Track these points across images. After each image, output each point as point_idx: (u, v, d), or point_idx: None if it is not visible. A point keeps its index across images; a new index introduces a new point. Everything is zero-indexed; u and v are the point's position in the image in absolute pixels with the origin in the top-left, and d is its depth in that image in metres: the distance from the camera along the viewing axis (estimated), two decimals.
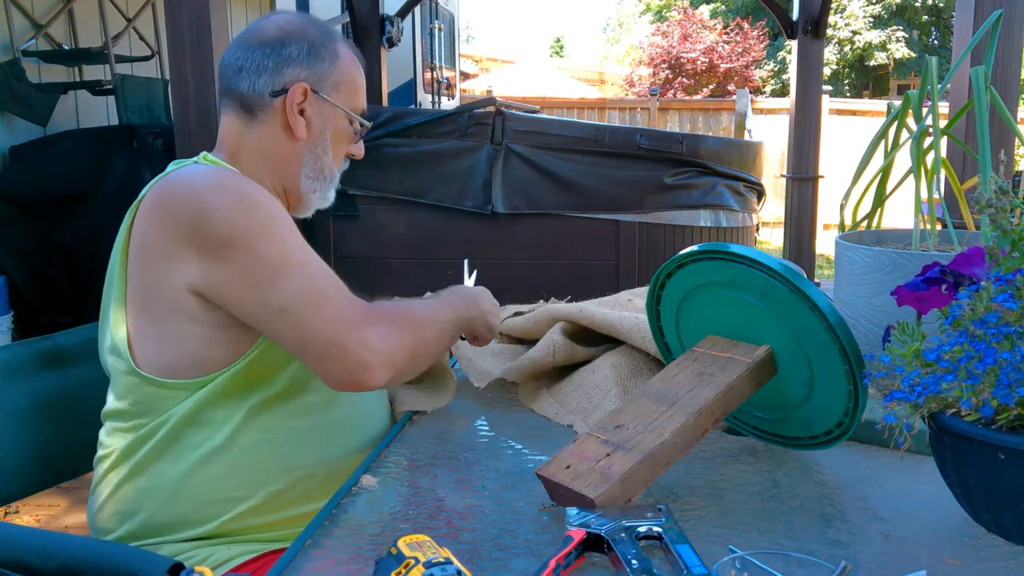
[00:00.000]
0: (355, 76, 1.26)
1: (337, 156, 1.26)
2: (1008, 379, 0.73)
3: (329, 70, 1.22)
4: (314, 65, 1.20)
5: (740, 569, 0.67)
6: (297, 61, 1.20)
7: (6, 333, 3.60)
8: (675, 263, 1.03)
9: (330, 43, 1.23)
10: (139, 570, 0.86)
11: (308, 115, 1.21)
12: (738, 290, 0.98)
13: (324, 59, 1.21)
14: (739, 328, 1.00)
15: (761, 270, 0.93)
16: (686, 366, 1.00)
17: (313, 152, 1.22)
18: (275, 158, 1.22)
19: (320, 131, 1.22)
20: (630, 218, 3.35)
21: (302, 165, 1.22)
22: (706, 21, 16.76)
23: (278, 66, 1.19)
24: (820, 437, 1.00)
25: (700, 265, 1.00)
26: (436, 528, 0.86)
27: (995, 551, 0.80)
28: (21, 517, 2.67)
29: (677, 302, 1.07)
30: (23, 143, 3.93)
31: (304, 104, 1.20)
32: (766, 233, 8.93)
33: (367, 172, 3.29)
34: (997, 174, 1.09)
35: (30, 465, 1.27)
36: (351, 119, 1.25)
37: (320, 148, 1.23)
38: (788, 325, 0.94)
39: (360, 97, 1.27)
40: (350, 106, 1.24)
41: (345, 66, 1.24)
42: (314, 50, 1.21)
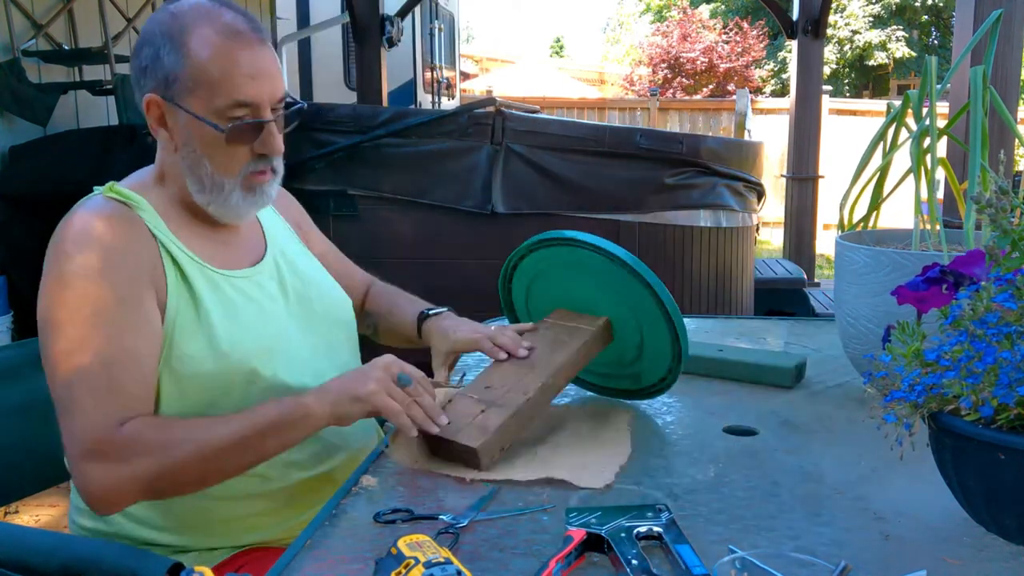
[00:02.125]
0: (214, 67, 1.05)
1: (220, 164, 1.09)
2: (1008, 378, 0.73)
3: (176, 72, 1.06)
4: (159, 71, 1.07)
5: (740, 569, 0.67)
6: (148, 69, 1.08)
7: (6, 333, 3.60)
8: (527, 248, 1.19)
9: (176, 37, 1.06)
10: (139, 570, 0.86)
11: (170, 127, 1.09)
12: (582, 270, 1.16)
13: (166, 60, 1.06)
14: (582, 302, 1.20)
15: (603, 255, 1.10)
16: (542, 334, 1.19)
17: (187, 165, 1.10)
18: (172, 170, 1.14)
19: (186, 142, 1.09)
20: (630, 218, 3.35)
21: (186, 177, 1.11)
22: (706, 21, 16.76)
23: (138, 78, 1.10)
24: (648, 388, 1.22)
25: (550, 251, 1.17)
26: (436, 528, 0.86)
27: (995, 551, 0.80)
28: (21, 517, 2.67)
29: (528, 281, 1.25)
30: (23, 143, 3.93)
31: (164, 115, 1.09)
32: (766, 233, 8.92)
33: (367, 172, 3.29)
34: (996, 174, 1.09)
35: (30, 465, 1.27)
36: (212, 123, 1.06)
37: (192, 160, 1.10)
38: (624, 299, 1.14)
39: (225, 91, 1.06)
40: (209, 107, 1.06)
41: (195, 61, 1.05)
42: (158, 53, 1.07)
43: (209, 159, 1.09)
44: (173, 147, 1.11)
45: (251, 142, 1.10)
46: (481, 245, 3.30)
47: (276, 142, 1.11)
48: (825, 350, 1.53)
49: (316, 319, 1.22)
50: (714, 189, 3.46)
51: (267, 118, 1.10)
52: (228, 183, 1.11)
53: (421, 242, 3.37)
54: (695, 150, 3.40)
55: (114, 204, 1.10)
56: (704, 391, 1.32)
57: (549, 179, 3.32)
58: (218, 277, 1.12)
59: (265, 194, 1.15)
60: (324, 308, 1.25)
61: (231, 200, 1.12)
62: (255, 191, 1.13)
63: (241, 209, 1.14)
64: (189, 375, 1.06)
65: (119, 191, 1.12)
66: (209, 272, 1.12)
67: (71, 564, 0.89)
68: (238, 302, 1.13)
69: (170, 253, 1.09)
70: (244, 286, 1.15)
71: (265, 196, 1.15)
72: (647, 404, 1.26)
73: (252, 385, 1.09)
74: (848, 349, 1.29)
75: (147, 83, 1.09)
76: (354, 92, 6.13)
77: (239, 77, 1.06)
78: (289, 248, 1.27)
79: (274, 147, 1.11)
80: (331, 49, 7.49)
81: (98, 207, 1.09)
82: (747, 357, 1.37)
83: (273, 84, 1.09)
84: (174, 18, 1.08)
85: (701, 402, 1.27)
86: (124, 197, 1.11)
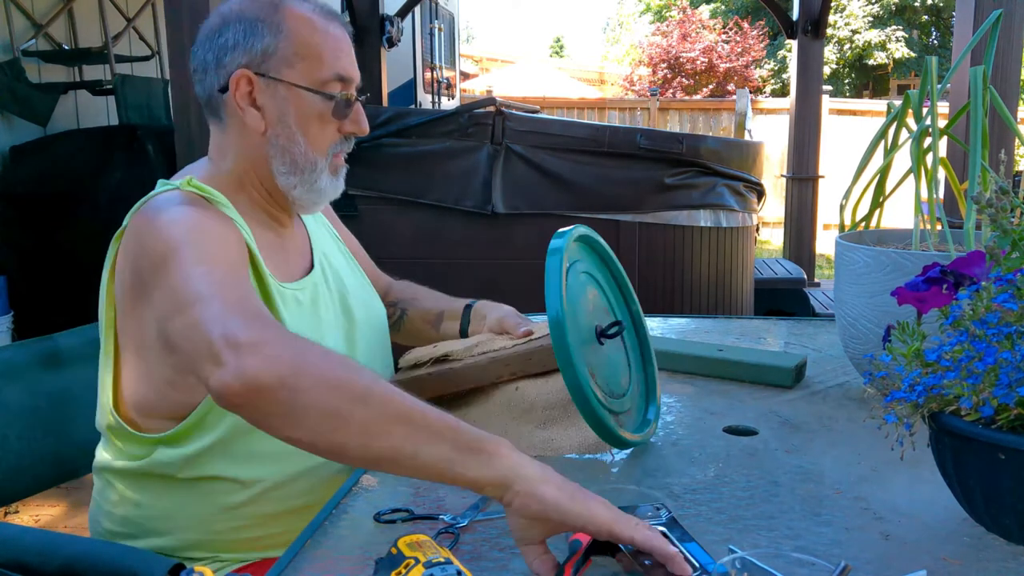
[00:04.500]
0: (315, 41, 1.08)
1: (314, 140, 1.10)
2: (1008, 379, 0.73)
3: (274, 45, 1.06)
4: (254, 46, 1.06)
5: (740, 569, 0.67)
6: (235, 47, 1.06)
7: (6, 333, 3.60)
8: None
9: (272, 14, 1.06)
10: (139, 570, 0.86)
11: (260, 104, 1.07)
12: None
13: (264, 35, 1.06)
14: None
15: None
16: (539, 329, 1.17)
17: (278, 143, 1.09)
18: (248, 159, 1.10)
19: (279, 118, 1.08)
20: (630, 218, 3.35)
21: (271, 160, 1.09)
22: (705, 21, 16.76)
23: (219, 58, 1.07)
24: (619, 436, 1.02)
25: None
26: (436, 528, 0.86)
27: (995, 551, 0.80)
28: (21, 517, 2.67)
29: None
30: (23, 143, 3.93)
31: (254, 93, 1.07)
32: (766, 233, 8.93)
33: (367, 172, 3.29)
34: (996, 174, 1.09)
35: (30, 465, 1.27)
36: (319, 93, 1.08)
37: (285, 137, 1.08)
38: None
39: (328, 63, 1.08)
40: (312, 78, 1.07)
41: (296, 35, 1.06)
42: (251, 29, 1.06)
43: (304, 134, 1.09)
44: (262, 127, 1.08)
45: (344, 118, 1.11)
46: (481, 245, 3.31)
47: (365, 121, 1.13)
48: (825, 350, 1.53)
49: (356, 325, 1.21)
50: (714, 189, 3.46)
51: (358, 97, 1.13)
52: (320, 162, 1.11)
53: (421, 242, 3.37)
54: (695, 150, 3.40)
55: (197, 197, 1.04)
56: (704, 391, 1.32)
57: (549, 179, 3.32)
58: (281, 289, 1.11)
59: (342, 181, 1.16)
60: (364, 315, 1.24)
61: (319, 182, 1.12)
62: (338, 174, 1.15)
63: (326, 194, 1.14)
64: None
65: (198, 186, 1.06)
66: (277, 286, 1.10)
67: (71, 564, 0.89)
68: (299, 315, 1.11)
69: (253, 260, 1.06)
70: (302, 297, 1.14)
71: (342, 183, 1.16)
72: None
73: None
74: (848, 349, 1.29)
75: (234, 60, 1.06)
76: None
77: (337, 51, 1.09)
78: (330, 251, 1.27)
79: (364, 126, 1.13)
80: None
81: (179, 197, 1.03)
82: (747, 357, 1.37)
83: (356, 66, 1.13)
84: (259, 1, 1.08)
85: (701, 402, 1.27)
86: (206, 193, 1.05)
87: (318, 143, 1.10)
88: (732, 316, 1.97)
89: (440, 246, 3.35)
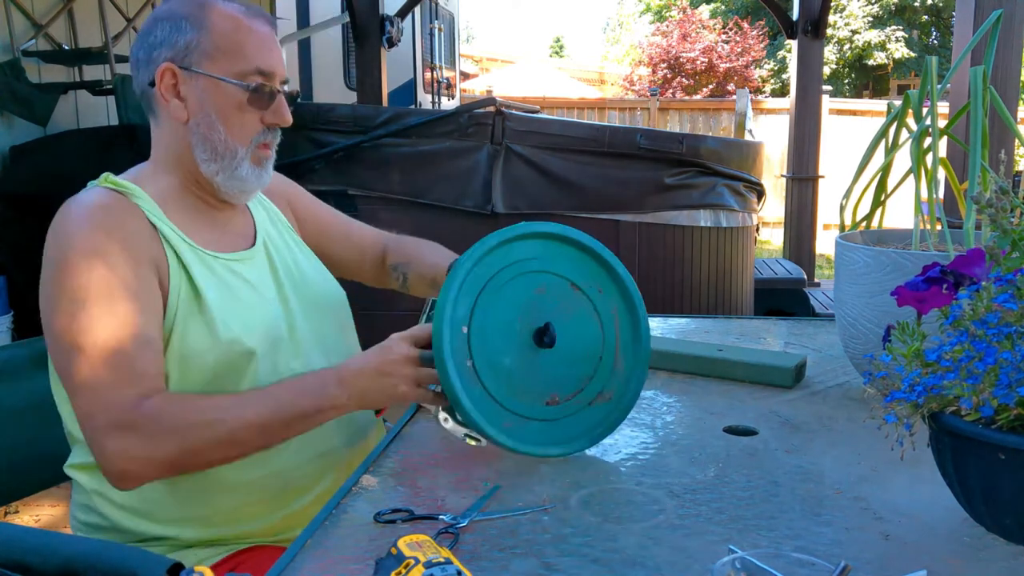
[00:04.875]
0: (237, 37, 1.13)
1: (234, 129, 1.14)
2: (1008, 379, 0.73)
3: (196, 40, 1.11)
4: (178, 41, 1.11)
5: (740, 569, 0.67)
6: (162, 43, 1.12)
7: (6, 333, 3.60)
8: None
9: (195, 14, 1.12)
10: (139, 570, 0.86)
11: (183, 95, 1.13)
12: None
13: (188, 31, 1.11)
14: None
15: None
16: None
17: (199, 132, 1.13)
18: (174, 150, 1.16)
19: (199, 107, 1.13)
20: (630, 218, 3.35)
21: (194, 148, 1.14)
22: (705, 21, 16.76)
23: (148, 54, 1.13)
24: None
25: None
26: (436, 528, 0.86)
27: (995, 551, 0.80)
28: (21, 517, 2.67)
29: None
30: (23, 143, 3.93)
31: (178, 85, 1.12)
32: (766, 233, 8.93)
33: (367, 172, 3.29)
34: (996, 174, 1.09)
35: (30, 465, 1.27)
36: (237, 83, 1.12)
37: (206, 126, 1.13)
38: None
39: (249, 56, 1.13)
40: (232, 70, 1.12)
41: (218, 30, 1.12)
42: (177, 25, 1.12)
43: (224, 123, 1.13)
44: (184, 116, 1.13)
45: (265, 109, 1.15)
46: None
47: (287, 113, 1.17)
48: (825, 350, 1.53)
49: (306, 306, 1.24)
50: (714, 189, 3.46)
51: (280, 90, 1.16)
52: (240, 150, 1.15)
53: None
54: (695, 150, 3.40)
55: (111, 192, 1.12)
56: (704, 391, 1.32)
57: (549, 179, 3.32)
58: (213, 260, 1.14)
59: (267, 171, 1.19)
60: (314, 296, 1.27)
61: (240, 170, 1.15)
62: (262, 164, 1.18)
63: (248, 182, 1.17)
64: (189, 357, 1.08)
65: (114, 181, 1.14)
66: (204, 256, 1.14)
67: (71, 564, 0.89)
68: (233, 284, 1.15)
69: (168, 239, 1.11)
70: (239, 268, 1.17)
71: (267, 173, 1.19)
72: (647, 403, 1.26)
73: (250, 366, 1.11)
74: (848, 349, 1.29)
75: (160, 55, 1.12)
76: (354, 92, 6.14)
77: (259, 47, 1.14)
78: (278, 237, 1.29)
79: (285, 117, 1.17)
80: (331, 49, 7.49)
81: (95, 197, 1.10)
82: (747, 357, 1.37)
83: (282, 63, 1.17)
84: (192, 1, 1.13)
85: (701, 402, 1.27)
86: (119, 186, 1.13)
87: (238, 132, 1.15)
88: (732, 316, 1.97)
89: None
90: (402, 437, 1.14)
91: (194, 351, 1.08)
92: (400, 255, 1.42)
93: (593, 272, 1.10)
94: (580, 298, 1.08)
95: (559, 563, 0.79)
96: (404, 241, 1.45)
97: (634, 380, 1.09)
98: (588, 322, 1.08)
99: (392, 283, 1.42)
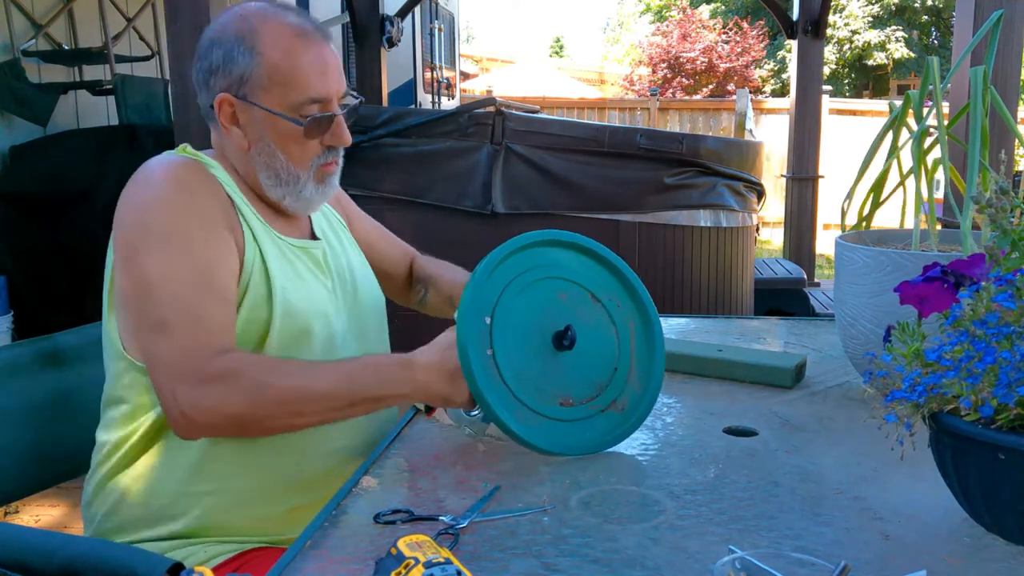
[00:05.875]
0: (289, 65, 1.12)
1: (295, 156, 1.15)
2: (1008, 379, 0.73)
3: (249, 71, 1.11)
4: (231, 71, 1.12)
5: (740, 569, 0.67)
6: (216, 70, 1.13)
7: (6, 333, 3.60)
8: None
9: (247, 38, 1.11)
10: (139, 570, 0.86)
11: (242, 124, 1.14)
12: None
13: (239, 61, 1.11)
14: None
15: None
16: None
17: (261, 160, 1.16)
18: (240, 166, 1.18)
19: (259, 137, 1.14)
20: (630, 218, 3.35)
21: (258, 172, 1.16)
22: (705, 21, 16.76)
23: (206, 80, 1.15)
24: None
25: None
26: (436, 528, 0.86)
27: (995, 551, 0.80)
28: (21, 517, 2.67)
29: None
30: (23, 143, 3.93)
31: (235, 113, 1.14)
32: (766, 233, 8.93)
33: (367, 172, 3.29)
34: (997, 174, 1.09)
35: (30, 465, 1.27)
36: (292, 119, 1.13)
37: (267, 154, 1.15)
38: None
39: (302, 88, 1.12)
40: (286, 103, 1.12)
41: (270, 59, 1.11)
42: (229, 54, 1.12)
43: (283, 152, 1.15)
44: (245, 145, 1.15)
45: (323, 135, 1.16)
46: (481, 245, 3.30)
47: (345, 134, 1.18)
48: (825, 350, 1.53)
49: (353, 303, 1.27)
50: (714, 189, 3.46)
51: (336, 112, 1.16)
52: (303, 175, 1.17)
53: (421, 242, 3.36)
54: (695, 150, 3.40)
55: (190, 160, 1.15)
56: (704, 391, 1.32)
57: (549, 179, 3.32)
58: (281, 242, 1.18)
59: (333, 184, 1.22)
60: (362, 295, 1.30)
61: (305, 192, 1.18)
62: (325, 181, 1.20)
63: (314, 200, 1.20)
64: (254, 325, 1.10)
65: (193, 152, 1.17)
66: (274, 235, 1.17)
67: (71, 564, 0.89)
68: (298, 266, 1.19)
69: (242, 212, 1.14)
70: (301, 255, 1.21)
71: (333, 186, 1.22)
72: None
73: (304, 345, 1.14)
74: (848, 349, 1.29)
75: (217, 83, 1.13)
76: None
77: (312, 75, 1.13)
78: (332, 235, 1.32)
79: (344, 138, 1.18)
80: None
81: (177, 159, 1.14)
82: (747, 357, 1.37)
83: (339, 80, 1.17)
84: (242, 20, 1.13)
85: (701, 402, 1.27)
86: (198, 157, 1.16)
87: (299, 159, 1.16)
88: (732, 316, 1.97)
89: (440, 246, 3.33)
90: (402, 437, 1.14)
91: (260, 320, 1.10)
92: (423, 271, 1.47)
93: (612, 286, 1.14)
94: (599, 308, 1.12)
95: (559, 563, 0.79)
96: (429, 259, 1.51)
97: (648, 394, 1.11)
98: (605, 332, 1.11)
99: (412, 298, 1.47)
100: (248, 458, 1.12)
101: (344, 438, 1.19)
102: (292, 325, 1.12)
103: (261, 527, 1.15)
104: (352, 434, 1.20)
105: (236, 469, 1.12)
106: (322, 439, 1.16)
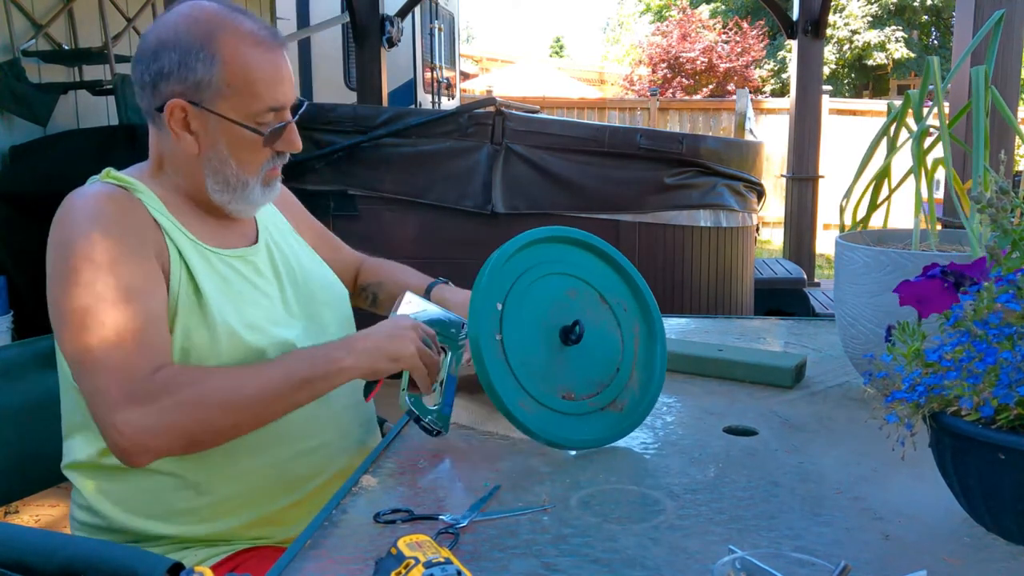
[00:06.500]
0: (249, 73, 1.09)
1: (246, 164, 1.14)
2: (1008, 379, 0.73)
3: (207, 77, 1.08)
4: (187, 77, 1.08)
5: (740, 569, 0.67)
6: (170, 75, 1.09)
7: (6, 333, 3.60)
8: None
9: (207, 45, 1.08)
10: (139, 570, 0.86)
11: (194, 129, 1.11)
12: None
13: (197, 68, 1.08)
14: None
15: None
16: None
17: (210, 165, 1.13)
18: (183, 169, 1.15)
19: (212, 144, 1.12)
20: (630, 218, 3.35)
21: (205, 177, 1.14)
22: (705, 21, 16.76)
23: (154, 82, 1.10)
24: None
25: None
26: (436, 528, 0.86)
27: (995, 551, 0.80)
28: (21, 517, 2.67)
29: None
30: (23, 143, 3.93)
31: (188, 119, 1.10)
32: (766, 233, 8.93)
33: (367, 172, 3.29)
34: (996, 174, 1.09)
35: (30, 465, 1.27)
36: (251, 128, 1.11)
37: (217, 161, 1.12)
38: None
39: (261, 95, 1.10)
40: (244, 112, 1.10)
41: (229, 67, 1.08)
42: (185, 59, 1.08)
43: (235, 158, 1.13)
44: (196, 151, 1.13)
45: (278, 140, 1.15)
46: (481, 245, 3.30)
47: (297, 140, 1.18)
48: (825, 350, 1.53)
49: (308, 302, 1.25)
50: (714, 189, 3.46)
51: (290, 119, 1.15)
52: (252, 180, 1.16)
53: (421, 242, 3.38)
54: (695, 150, 3.40)
55: (112, 187, 1.13)
56: (704, 391, 1.32)
57: (549, 179, 3.32)
58: (212, 255, 1.15)
59: (275, 188, 1.21)
60: (315, 291, 1.28)
61: (251, 196, 1.17)
62: (271, 184, 1.19)
63: (259, 202, 1.19)
64: (185, 348, 1.08)
65: (116, 176, 1.15)
66: (204, 250, 1.15)
67: (71, 564, 0.89)
68: (233, 280, 1.16)
69: (169, 234, 1.12)
70: (237, 264, 1.18)
71: (275, 190, 1.21)
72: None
73: (244, 360, 1.11)
74: (848, 349, 1.29)
75: (170, 88, 1.09)
76: (354, 92, 6.14)
77: (271, 84, 1.11)
78: (279, 235, 1.30)
79: (296, 144, 1.18)
80: (331, 49, 7.49)
81: (99, 189, 1.12)
82: (747, 357, 1.37)
83: (292, 87, 1.16)
84: (196, 24, 1.09)
85: (701, 402, 1.27)
86: (122, 181, 1.14)
87: (249, 166, 1.15)
88: (732, 316, 1.97)
89: (440, 246, 3.35)
90: (402, 437, 1.14)
91: (189, 340, 1.08)
92: (372, 275, 1.45)
93: (622, 291, 1.17)
94: (606, 310, 1.14)
95: (559, 563, 0.79)
96: (377, 262, 1.48)
97: (648, 397, 1.13)
98: (611, 333, 1.13)
99: (362, 302, 1.45)
100: (224, 467, 1.11)
101: (318, 435, 1.18)
102: (240, 344, 1.10)
103: (255, 531, 1.15)
104: (325, 429, 1.19)
105: (216, 479, 1.12)
106: (295, 439, 1.15)
